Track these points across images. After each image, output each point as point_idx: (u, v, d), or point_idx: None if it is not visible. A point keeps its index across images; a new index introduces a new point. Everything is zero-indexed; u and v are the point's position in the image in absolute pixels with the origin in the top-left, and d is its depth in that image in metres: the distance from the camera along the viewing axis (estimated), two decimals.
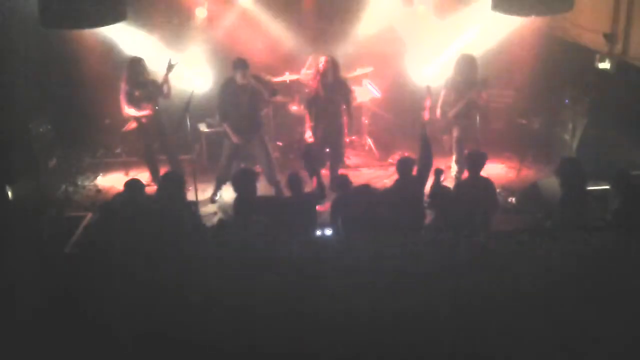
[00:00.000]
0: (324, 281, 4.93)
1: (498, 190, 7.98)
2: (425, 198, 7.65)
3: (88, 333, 4.65)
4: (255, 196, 6.34)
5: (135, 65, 7.94)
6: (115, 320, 4.71)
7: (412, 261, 5.21)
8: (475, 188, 6.34)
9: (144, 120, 8.06)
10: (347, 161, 8.90)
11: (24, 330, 4.69)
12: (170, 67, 7.83)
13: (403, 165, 6.42)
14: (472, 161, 6.44)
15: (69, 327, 4.77)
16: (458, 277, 5.00)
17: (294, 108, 9.02)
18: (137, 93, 7.93)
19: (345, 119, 8.01)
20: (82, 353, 4.57)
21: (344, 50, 9.00)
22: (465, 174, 6.72)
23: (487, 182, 6.48)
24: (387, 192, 6.45)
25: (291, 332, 4.61)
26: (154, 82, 8.01)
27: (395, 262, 5.15)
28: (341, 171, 8.30)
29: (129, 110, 7.98)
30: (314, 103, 7.83)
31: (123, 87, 7.95)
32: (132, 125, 8.25)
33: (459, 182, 7.26)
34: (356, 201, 6.07)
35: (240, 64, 7.54)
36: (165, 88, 7.91)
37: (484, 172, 6.48)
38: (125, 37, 8.66)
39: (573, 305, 4.74)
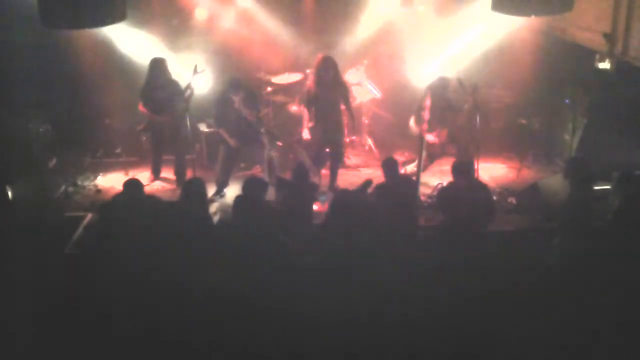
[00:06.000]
0: (322, 281, 4.94)
1: (498, 190, 8.00)
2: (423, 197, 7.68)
3: (88, 332, 4.66)
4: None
5: (157, 66, 7.92)
6: (115, 320, 4.72)
7: (410, 261, 5.23)
8: (472, 191, 6.28)
9: (160, 119, 8.05)
10: (347, 161, 8.89)
11: (24, 330, 4.70)
12: (195, 73, 7.71)
13: (388, 166, 6.39)
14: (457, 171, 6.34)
15: (69, 327, 4.77)
16: (456, 277, 5.01)
17: (294, 108, 9.00)
18: (157, 94, 7.92)
19: (345, 118, 8.01)
20: (82, 352, 4.58)
21: (343, 50, 9.00)
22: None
23: (481, 186, 6.46)
24: (379, 194, 6.35)
25: (290, 332, 4.61)
26: (175, 83, 7.99)
27: (393, 262, 5.16)
28: (341, 171, 8.33)
29: (146, 108, 7.98)
30: (313, 103, 7.81)
31: (144, 86, 7.96)
32: (148, 125, 8.25)
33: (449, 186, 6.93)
34: (353, 205, 6.07)
35: (233, 86, 7.61)
36: (187, 93, 7.78)
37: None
38: (125, 37, 8.64)
39: (572, 304, 4.75)
